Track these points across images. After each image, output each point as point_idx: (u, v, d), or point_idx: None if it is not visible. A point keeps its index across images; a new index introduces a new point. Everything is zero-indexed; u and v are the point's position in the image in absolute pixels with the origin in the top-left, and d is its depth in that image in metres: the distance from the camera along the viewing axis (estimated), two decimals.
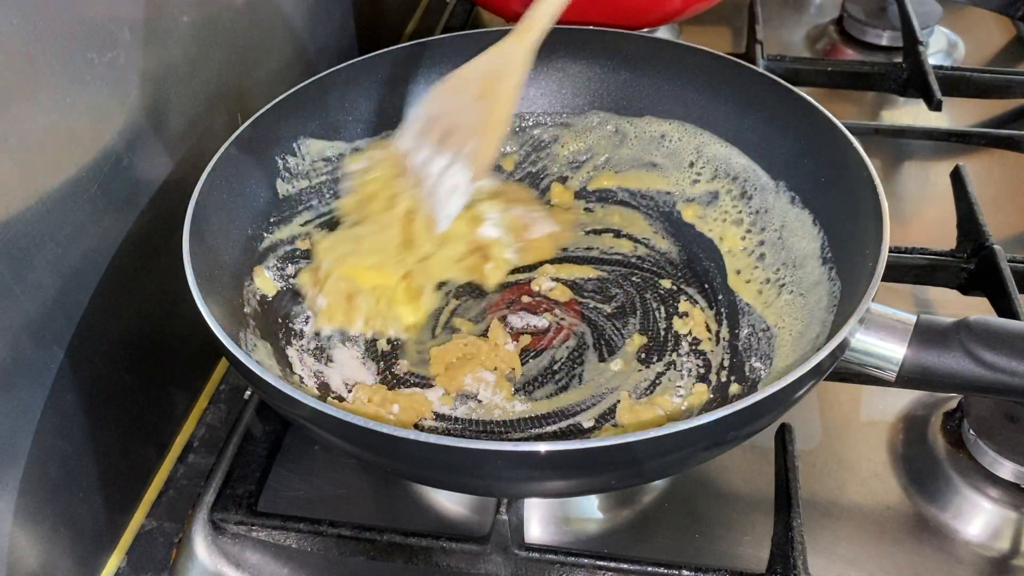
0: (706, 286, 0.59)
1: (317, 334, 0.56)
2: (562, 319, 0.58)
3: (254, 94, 0.63)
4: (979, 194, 0.62)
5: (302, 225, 0.60)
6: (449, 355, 0.55)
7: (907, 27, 0.81)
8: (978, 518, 0.49)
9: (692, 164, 0.64)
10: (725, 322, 0.56)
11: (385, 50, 0.63)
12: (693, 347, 0.55)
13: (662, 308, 0.58)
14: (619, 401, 0.52)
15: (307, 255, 0.58)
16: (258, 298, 0.54)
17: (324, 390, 0.52)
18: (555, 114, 0.68)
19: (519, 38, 0.52)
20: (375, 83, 0.63)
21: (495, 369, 0.54)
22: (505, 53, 0.53)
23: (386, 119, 0.64)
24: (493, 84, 0.53)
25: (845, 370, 0.45)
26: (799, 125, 0.57)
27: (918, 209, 0.73)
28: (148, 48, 0.50)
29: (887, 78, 0.80)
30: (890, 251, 0.47)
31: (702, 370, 0.53)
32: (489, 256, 0.58)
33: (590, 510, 0.50)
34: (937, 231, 0.64)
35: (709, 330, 0.56)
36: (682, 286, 0.59)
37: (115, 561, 0.50)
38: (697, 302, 0.58)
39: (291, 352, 0.54)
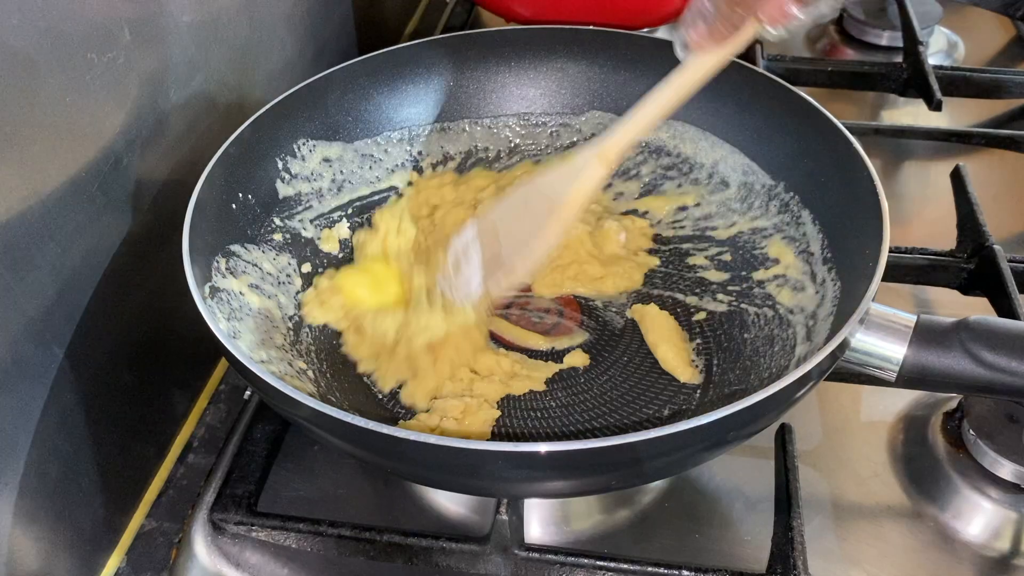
0: None
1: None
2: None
3: (254, 94, 0.63)
4: (979, 194, 0.62)
5: (302, 225, 0.60)
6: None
7: (907, 27, 0.81)
8: (978, 518, 0.49)
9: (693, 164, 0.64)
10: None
11: (385, 50, 0.63)
12: None
13: None
14: None
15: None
16: None
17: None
18: (554, 114, 0.67)
19: (596, 158, 0.48)
20: (375, 83, 0.63)
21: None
22: (576, 171, 0.49)
23: (385, 119, 0.64)
24: (552, 207, 0.49)
25: (845, 370, 0.45)
26: (799, 125, 0.57)
27: (918, 209, 0.73)
28: (148, 48, 0.50)
29: (887, 78, 0.80)
30: (890, 251, 0.47)
31: None
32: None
33: (590, 510, 0.50)
34: (937, 231, 0.64)
35: None
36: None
37: (115, 561, 0.50)
38: None
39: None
